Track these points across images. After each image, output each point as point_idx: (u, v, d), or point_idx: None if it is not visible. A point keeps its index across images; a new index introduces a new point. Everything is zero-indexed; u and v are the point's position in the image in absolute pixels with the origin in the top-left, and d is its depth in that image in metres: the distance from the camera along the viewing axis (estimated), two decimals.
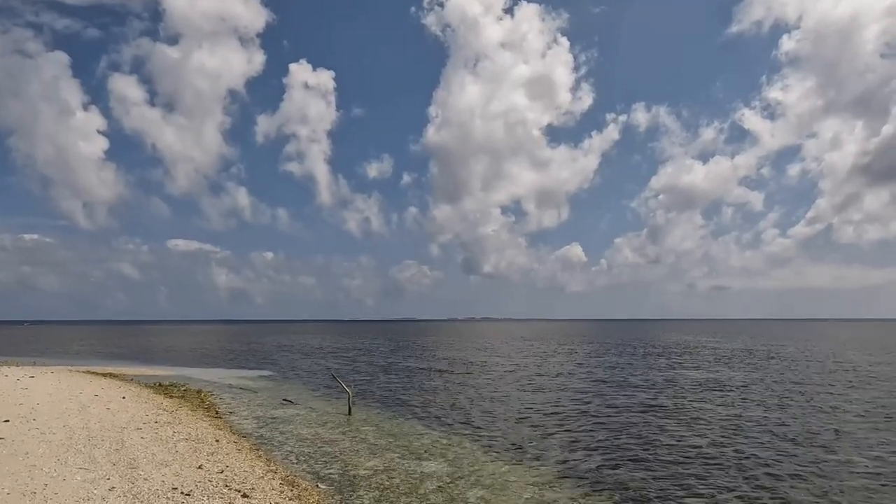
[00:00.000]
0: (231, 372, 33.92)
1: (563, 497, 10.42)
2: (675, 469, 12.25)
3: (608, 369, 34.01)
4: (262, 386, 26.68)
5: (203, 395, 22.34)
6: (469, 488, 10.77)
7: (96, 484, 8.76)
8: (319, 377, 30.28)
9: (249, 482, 9.88)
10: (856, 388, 24.99)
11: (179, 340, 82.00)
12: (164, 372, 33.13)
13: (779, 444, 14.51)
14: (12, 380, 22.38)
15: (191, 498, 8.49)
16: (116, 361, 42.11)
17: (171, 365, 38.97)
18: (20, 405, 15.96)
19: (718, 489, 10.87)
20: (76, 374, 27.43)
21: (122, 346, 65.84)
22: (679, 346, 59.57)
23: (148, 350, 58.99)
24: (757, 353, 48.32)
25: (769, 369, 33.64)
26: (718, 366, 35.96)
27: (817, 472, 11.95)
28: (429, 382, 27.84)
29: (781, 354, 46.21)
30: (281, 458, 12.96)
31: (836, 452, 13.60)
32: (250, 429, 16.21)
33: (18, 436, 11.83)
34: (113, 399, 18.62)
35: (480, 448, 14.13)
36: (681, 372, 32.13)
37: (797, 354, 46.16)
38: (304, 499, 9.50)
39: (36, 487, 8.32)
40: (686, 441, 14.81)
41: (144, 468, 9.94)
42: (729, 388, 24.84)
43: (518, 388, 25.28)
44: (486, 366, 37.18)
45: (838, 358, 42.25)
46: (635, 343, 65.77)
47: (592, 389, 24.84)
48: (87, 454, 10.68)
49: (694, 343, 65.09)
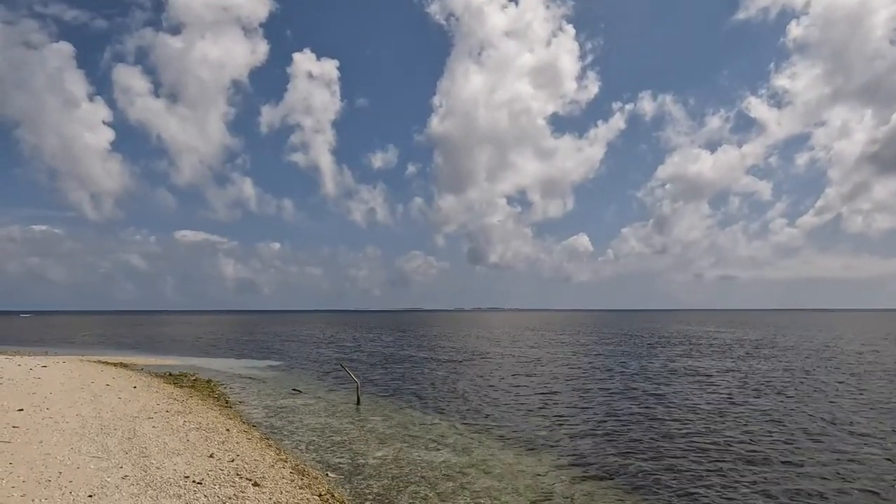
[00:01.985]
0: (240, 362, 34.18)
1: (572, 486, 10.43)
2: (683, 458, 12.23)
3: (615, 359, 33.98)
4: (271, 376, 26.87)
5: (213, 385, 22.54)
6: (478, 478, 10.81)
7: (109, 472, 8.85)
8: (327, 367, 30.45)
9: (260, 471, 9.96)
10: (863, 378, 24.84)
11: (188, 330, 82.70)
12: (174, 362, 33.43)
13: (789, 434, 14.44)
14: (25, 369, 22.64)
15: (203, 486, 8.57)
16: (126, 351, 42.54)
17: (180, 355, 39.32)
18: (33, 394, 16.15)
19: (728, 479, 10.84)
20: (87, 364, 27.73)
21: (131, 336, 66.48)
22: (686, 336, 59.40)
23: (157, 340, 59.54)
24: (765, 343, 48.11)
25: (779, 360, 33.49)
26: (726, 356, 35.84)
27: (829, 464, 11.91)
28: (436, 372, 27.93)
29: (790, 345, 45.99)
30: (291, 447, 13.05)
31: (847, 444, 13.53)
32: (260, 418, 16.34)
33: (33, 424, 11.97)
34: (124, 388, 18.81)
35: (489, 437, 14.17)
36: (688, 362, 32.05)
37: (806, 345, 45.92)
38: (314, 487, 9.57)
39: (51, 475, 8.42)
40: (695, 431, 14.77)
41: (156, 457, 10.04)
42: (739, 379, 24.75)
43: (525, 378, 25.31)
44: (493, 356, 37.25)
45: (847, 348, 41.99)
46: (642, 333, 65.67)
47: (599, 379, 24.83)
48: (100, 443, 10.80)
49: (701, 333, 64.88)
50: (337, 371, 27.64)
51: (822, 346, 43.95)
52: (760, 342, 49.21)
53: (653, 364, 31.15)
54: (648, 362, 32.13)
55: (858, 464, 11.86)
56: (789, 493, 10.16)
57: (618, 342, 50.46)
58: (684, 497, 9.96)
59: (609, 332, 69.32)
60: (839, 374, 26.56)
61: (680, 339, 53.48)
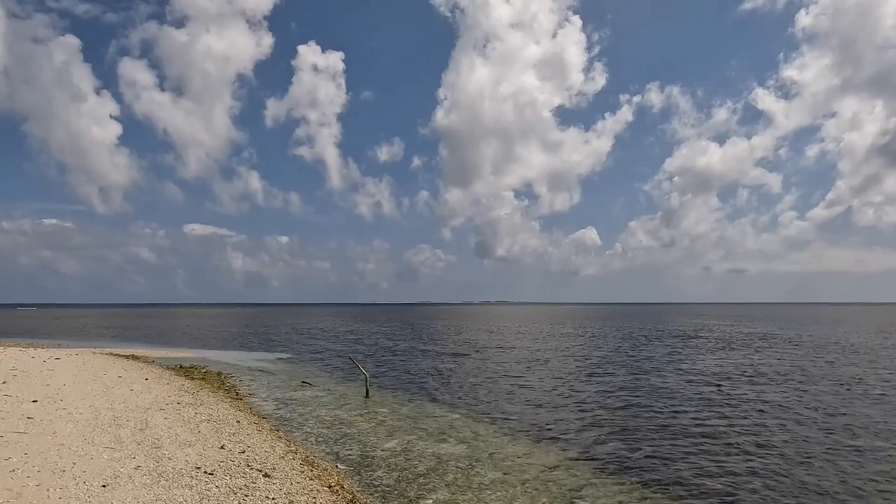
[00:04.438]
0: (250, 354, 34.45)
1: (580, 479, 10.43)
2: (692, 453, 12.17)
3: (623, 353, 33.87)
4: (281, 368, 27.05)
5: (223, 377, 22.74)
6: (487, 470, 10.83)
7: (122, 463, 8.96)
8: (336, 360, 30.62)
9: (270, 462, 10.04)
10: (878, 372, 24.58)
11: (198, 323, 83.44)
12: (185, 354, 33.75)
13: (798, 428, 14.34)
14: (39, 361, 22.95)
15: (214, 477, 8.65)
16: (137, 344, 42.99)
17: (190, 347, 39.68)
18: (47, 386, 16.37)
19: (738, 473, 10.78)
20: (100, 356, 28.05)
21: (142, 329, 67.18)
22: (694, 329, 59.08)
23: (167, 333, 60.12)
24: (775, 337, 47.74)
25: (789, 353, 33.22)
26: (734, 350, 35.61)
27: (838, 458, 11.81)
28: (445, 365, 27.98)
29: (801, 339, 45.59)
30: (301, 438, 13.15)
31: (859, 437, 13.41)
32: (270, 410, 16.46)
33: (46, 415, 12.14)
34: (136, 380, 19.02)
35: (497, 430, 14.19)
36: (696, 356, 31.88)
37: (818, 339, 45.51)
38: (323, 479, 9.63)
39: (65, 465, 8.53)
40: (705, 425, 14.70)
41: (168, 448, 10.15)
42: (748, 373, 24.59)
43: (533, 371, 25.30)
44: (501, 349, 37.27)
45: (858, 342, 41.56)
46: (650, 327, 65.38)
47: (608, 373, 24.77)
48: (113, 434, 10.92)
49: (710, 327, 64.49)
50: (346, 363, 27.78)
51: (834, 341, 43.54)
52: (770, 336, 48.83)
53: (661, 358, 31.02)
54: (657, 356, 31.98)
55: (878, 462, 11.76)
56: (798, 486, 10.09)
57: (626, 336, 50.28)
58: (693, 489, 9.92)
59: (617, 326, 69.08)
60: (854, 368, 26.29)
61: (688, 333, 53.19)
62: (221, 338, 51.00)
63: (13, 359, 23.55)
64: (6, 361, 22.24)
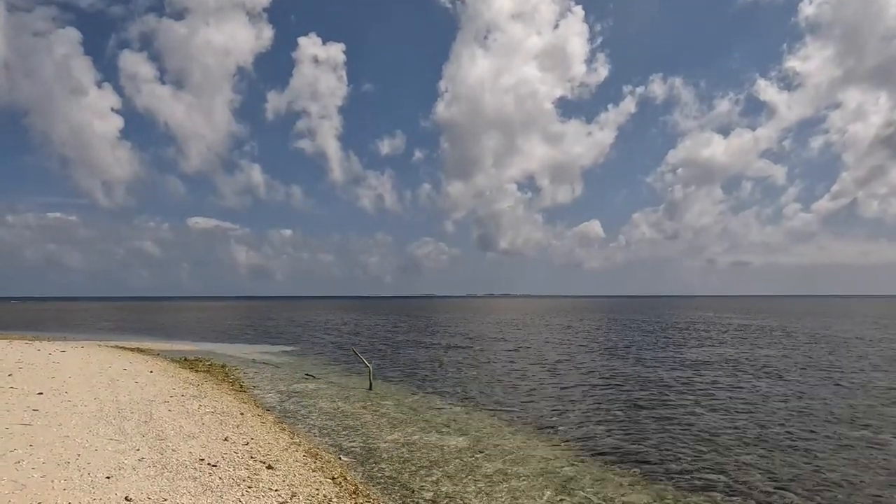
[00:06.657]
0: (253, 347, 34.58)
1: (583, 471, 10.43)
2: (694, 445, 12.17)
3: (626, 346, 33.86)
4: (284, 361, 27.15)
5: (227, 370, 22.83)
6: (489, 461, 10.85)
7: (127, 454, 9.01)
8: (340, 352, 30.70)
9: (274, 454, 10.08)
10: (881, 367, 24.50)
11: (202, 316, 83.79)
12: (189, 347, 33.91)
13: (802, 421, 14.31)
14: (44, 354, 23.10)
15: (217, 469, 8.69)
16: (142, 337, 43.21)
17: (194, 340, 39.85)
18: (52, 378, 16.48)
19: (740, 466, 10.77)
20: (105, 349, 28.22)
21: (146, 322, 67.54)
22: (698, 322, 58.99)
23: (172, 326, 60.42)
24: (779, 329, 47.63)
25: (792, 346, 33.15)
26: (738, 343, 35.55)
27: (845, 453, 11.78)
28: (448, 358, 28.03)
29: (805, 332, 45.47)
30: (304, 430, 13.20)
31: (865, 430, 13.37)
32: (274, 402, 16.53)
33: (52, 408, 12.22)
34: (141, 373, 19.12)
35: (500, 422, 14.21)
36: (699, 349, 31.84)
37: (821, 332, 45.38)
38: (327, 471, 9.67)
39: (69, 457, 8.58)
40: (706, 418, 14.69)
41: (172, 440, 10.20)
42: (752, 366, 24.55)
43: (536, 364, 25.32)
44: (504, 342, 37.31)
45: (862, 335, 41.42)
46: (653, 320, 65.32)
47: (611, 365, 24.77)
48: (118, 426, 10.98)
49: (714, 320, 64.39)
50: (349, 356, 27.84)
51: (839, 334, 43.40)
52: (774, 329, 48.72)
53: (664, 350, 30.99)
54: (659, 348, 31.96)
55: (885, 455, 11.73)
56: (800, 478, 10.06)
57: (629, 328, 50.25)
58: (695, 481, 9.91)
59: (620, 319, 69.04)
60: (859, 361, 26.21)
61: (692, 326, 53.12)
62: (225, 331, 51.21)
63: (19, 352, 23.73)
64: (12, 354, 22.40)
